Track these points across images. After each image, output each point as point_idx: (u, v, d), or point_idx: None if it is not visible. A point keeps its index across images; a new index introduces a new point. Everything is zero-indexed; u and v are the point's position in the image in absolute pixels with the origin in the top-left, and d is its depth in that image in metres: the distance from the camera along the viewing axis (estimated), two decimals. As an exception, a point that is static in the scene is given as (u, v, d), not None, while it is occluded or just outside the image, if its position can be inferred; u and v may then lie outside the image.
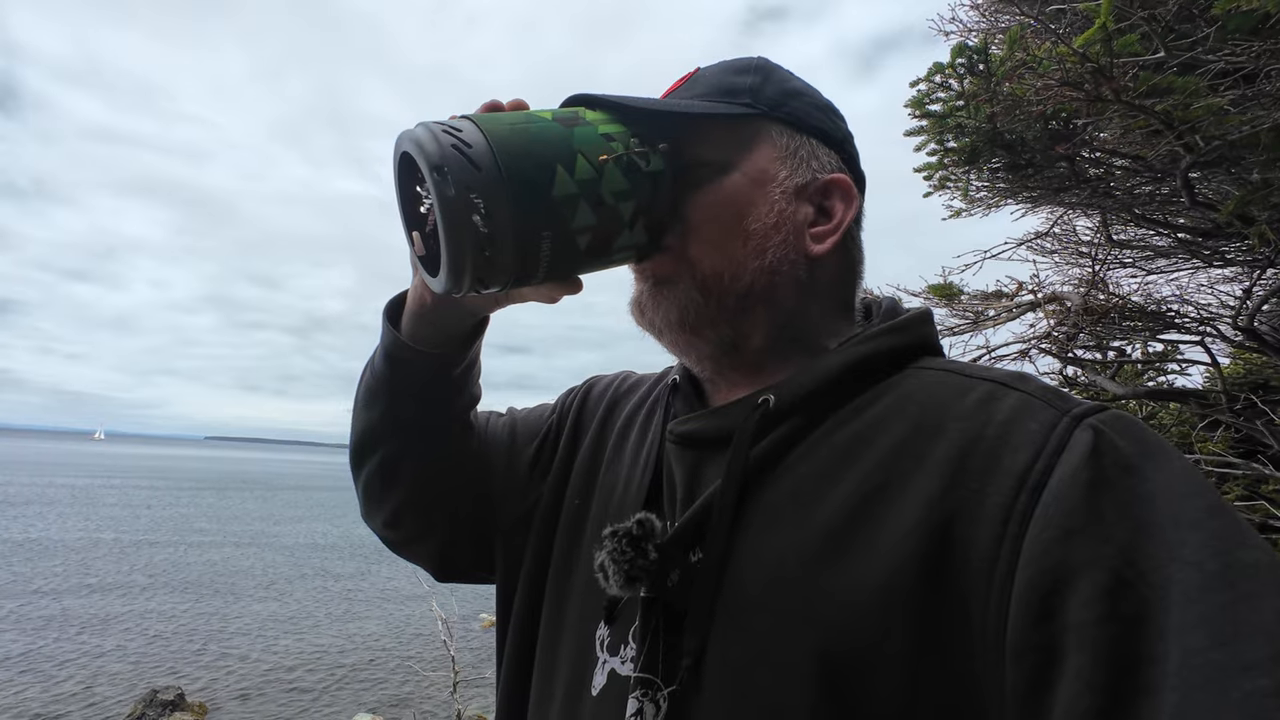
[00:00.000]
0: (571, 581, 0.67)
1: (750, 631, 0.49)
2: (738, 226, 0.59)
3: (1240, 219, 1.66)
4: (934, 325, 0.63)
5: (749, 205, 0.59)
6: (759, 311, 0.60)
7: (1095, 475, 0.41)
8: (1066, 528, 0.40)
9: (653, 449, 0.67)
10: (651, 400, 0.76)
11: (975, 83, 1.42)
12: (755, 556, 0.51)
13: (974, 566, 0.42)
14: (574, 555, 0.69)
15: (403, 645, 10.16)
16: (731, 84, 0.62)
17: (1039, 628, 0.39)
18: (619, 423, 0.76)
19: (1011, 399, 0.48)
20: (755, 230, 0.59)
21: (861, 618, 0.44)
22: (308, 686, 8.26)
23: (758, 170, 0.60)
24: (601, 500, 0.70)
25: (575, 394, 0.84)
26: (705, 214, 0.60)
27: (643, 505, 0.62)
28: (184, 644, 9.55)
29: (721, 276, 0.59)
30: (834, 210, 0.62)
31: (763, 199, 0.59)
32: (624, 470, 0.70)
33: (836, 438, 0.53)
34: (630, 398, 0.79)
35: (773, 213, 0.59)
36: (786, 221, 0.59)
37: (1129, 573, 0.38)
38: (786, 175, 0.60)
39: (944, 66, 1.45)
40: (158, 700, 7.04)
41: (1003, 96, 1.40)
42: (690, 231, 0.60)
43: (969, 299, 2.62)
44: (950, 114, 1.51)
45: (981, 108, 1.42)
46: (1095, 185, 1.75)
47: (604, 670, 0.57)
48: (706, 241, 0.59)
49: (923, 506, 0.45)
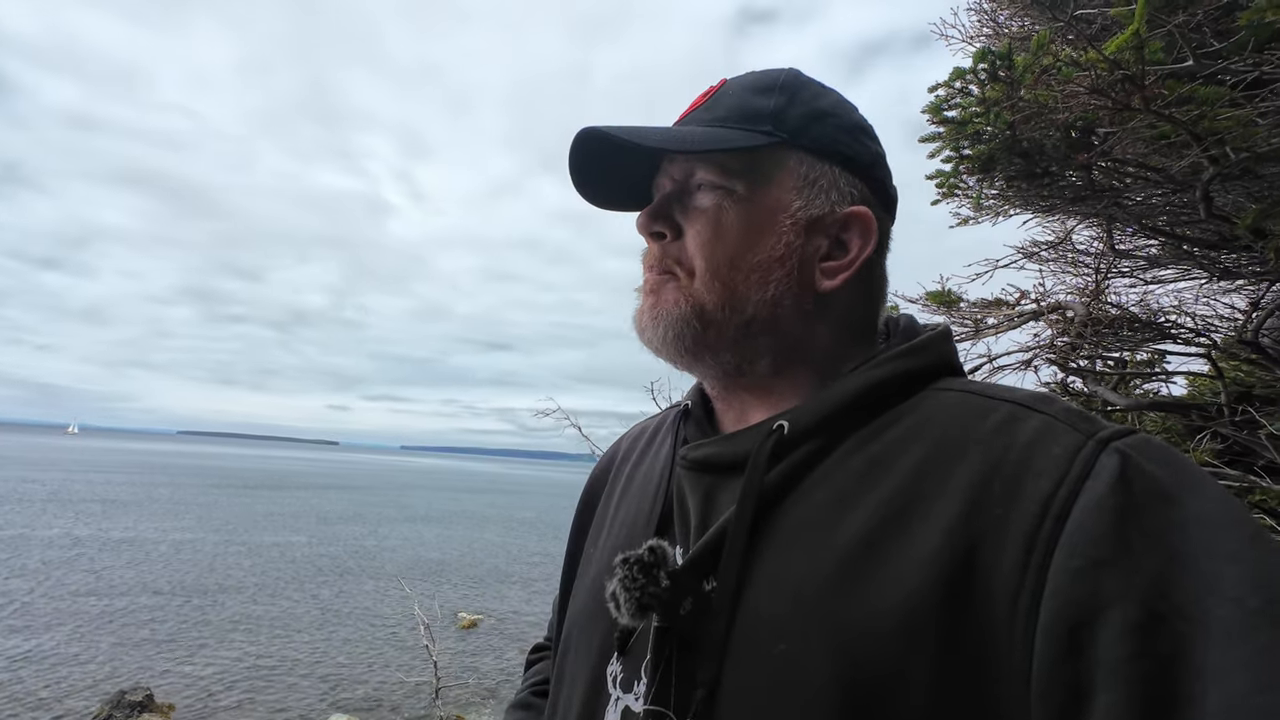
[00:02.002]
0: (584, 618, 0.64)
1: (767, 661, 0.47)
2: (742, 259, 0.57)
3: (1255, 233, 1.64)
4: (953, 344, 0.61)
5: (757, 236, 0.58)
6: (763, 340, 0.59)
7: (1123, 502, 0.39)
8: (1094, 557, 0.38)
9: (664, 477, 0.65)
10: (662, 431, 0.74)
11: (997, 89, 1.38)
12: (771, 584, 0.50)
13: (997, 595, 0.41)
14: (586, 590, 0.66)
15: (381, 646, 10.02)
16: (754, 107, 0.59)
17: (1067, 663, 0.37)
18: (629, 465, 0.75)
19: (1034, 421, 0.47)
20: (759, 263, 0.57)
21: (883, 646, 0.43)
22: (282, 687, 8.10)
23: (771, 200, 0.58)
24: (613, 532, 0.68)
25: (596, 469, 0.84)
26: (711, 243, 0.58)
27: (655, 533, 0.60)
28: (154, 643, 9.33)
29: (721, 308, 0.58)
30: (850, 245, 0.60)
31: (771, 230, 0.58)
32: (634, 501, 0.68)
33: (853, 462, 0.52)
34: (641, 440, 0.78)
35: (779, 245, 0.58)
36: (793, 255, 0.58)
37: (1163, 606, 0.36)
38: (800, 207, 0.58)
39: (965, 72, 1.40)
40: (125, 701, 6.85)
41: (1025, 104, 1.35)
42: (694, 260, 0.58)
43: (969, 307, 2.59)
44: (969, 120, 1.46)
45: (1003, 115, 1.37)
46: (1108, 195, 1.72)
47: (617, 708, 0.55)
48: (709, 272, 0.58)
49: (944, 533, 0.44)
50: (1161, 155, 1.53)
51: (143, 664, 8.55)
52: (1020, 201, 1.79)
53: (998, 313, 2.46)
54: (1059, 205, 1.78)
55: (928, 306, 2.85)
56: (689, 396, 0.71)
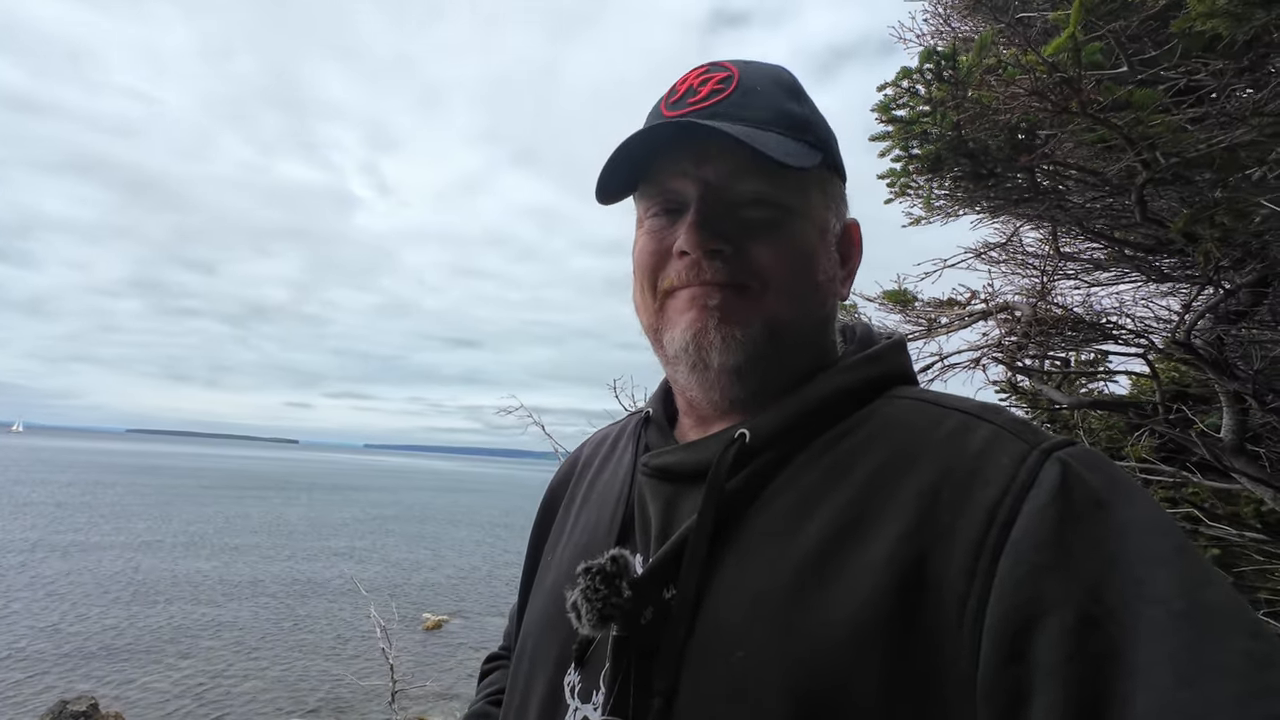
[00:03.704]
0: (543, 627, 0.63)
1: (723, 670, 0.47)
2: (811, 278, 0.58)
3: (1187, 236, 1.70)
4: (908, 354, 0.62)
5: (817, 257, 0.58)
6: (804, 356, 0.59)
7: (1064, 510, 0.41)
8: (1036, 563, 0.40)
9: (625, 484, 0.65)
10: (623, 437, 0.73)
11: (943, 89, 1.39)
12: (729, 593, 0.50)
13: (946, 602, 0.42)
14: (542, 598, 0.65)
15: (334, 651, 9.79)
16: (793, 114, 0.58)
17: (1008, 667, 0.38)
18: (590, 472, 0.74)
19: (983, 431, 0.48)
20: (822, 282, 0.59)
21: (835, 655, 0.43)
22: (237, 695, 7.85)
23: (819, 220, 0.59)
24: (573, 540, 0.67)
25: (555, 477, 0.84)
26: (786, 264, 0.57)
27: (616, 540, 0.59)
28: (98, 650, 8.94)
29: (795, 325, 0.58)
30: (850, 255, 0.62)
31: (824, 251, 0.59)
32: (594, 509, 0.67)
33: (811, 470, 0.52)
34: (602, 447, 0.77)
35: (830, 264, 0.59)
36: (835, 270, 0.61)
37: (1097, 610, 0.37)
38: (835, 223, 0.60)
39: (912, 71, 1.42)
40: (68, 711, 6.56)
41: (970, 104, 1.37)
42: (772, 279, 0.57)
43: (922, 306, 2.64)
44: (916, 120, 1.48)
45: (948, 115, 1.39)
46: (1051, 198, 1.76)
47: (575, 718, 0.55)
48: (785, 292, 0.57)
49: (895, 541, 0.45)
50: (1099, 159, 1.57)
51: (90, 673, 8.20)
52: (968, 202, 1.82)
53: (949, 312, 2.51)
54: (1004, 207, 1.82)
55: (884, 305, 2.90)
56: (650, 403, 0.70)
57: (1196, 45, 1.52)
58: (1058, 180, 1.71)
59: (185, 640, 9.79)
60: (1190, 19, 1.40)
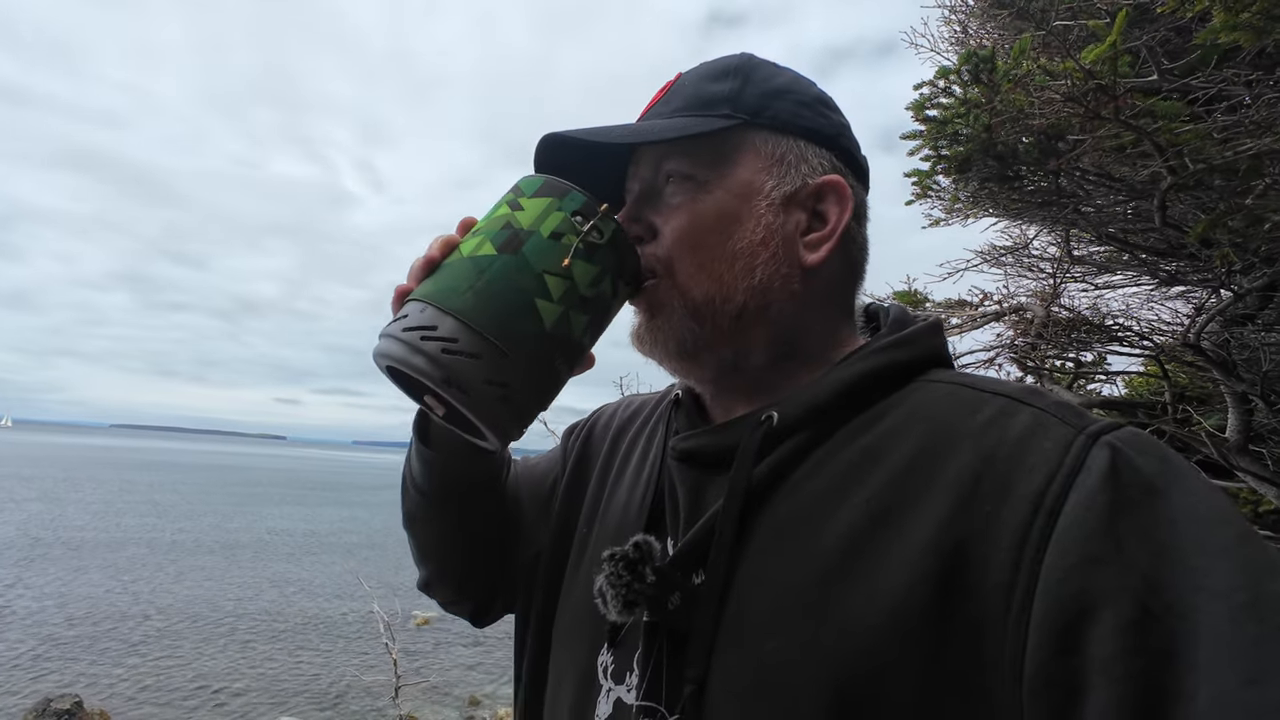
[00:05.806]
0: (577, 609, 0.64)
1: (755, 657, 0.47)
2: (723, 248, 0.56)
3: (1203, 242, 1.75)
4: (944, 336, 0.61)
5: (734, 223, 0.57)
6: (757, 330, 0.58)
7: (1115, 497, 0.39)
8: (1086, 554, 0.38)
9: (654, 467, 0.65)
10: (654, 419, 0.73)
11: (980, 91, 1.44)
12: (759, 579, 0.49)
13: (988, 592, 0.41)
14: (579, 582, 0.66)
15: (332, 646, 9.74)
16: (709, 94, 0.59)
17: (1060, 661, 0.37)
18: (624, 446, 0.74)
19: (1024, 415, 0.46)
20: (742, 250, 0.56)
21: (871, 646, 0.43)
22: (228, 692, 7.79)
23: (741, 184, 0.57)
24: (604, 524, 0.67)
25: (580, 430, 0.82)
26: (689, 238, 0.57)
27: (645, 526, 0.60)
28: (83, 647, 8.84)
29: (712, 301, 0.57)
30: (828, 214, 0.59)
31: (749, 215, 0.57)
32: (625, 491, 0.68)
33: (843, 455, 0.51)
34: (635, 421, 0.77)
35: (759, 228, 0.57)
36: (775, 235, 0.57)
37: (1154, 603, 0.36)
38: (774, 185, 0.57)
39: (950, 71, 1.46)
40: (51, 710, 6.48)
41: (1004, 107, 1.42)
42: (675, 258, 0.57)
43: (934, 307, 2.69)
44: (949, 120, 1.52)
45: (981, 116, 1.43)
46: (1073, 202, 1.81)
47: (609, 699, 0.56)
48: (693, 266, 0.57)
49: (933, 528, 0.44)
50: (1122, 164, 1.62)
51: (70, 667, 8.10)
52: (990, 204, 1.87)
53: (962, 313, 2.56)
54: (1025, 209, 1.86)
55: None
56: (679, 386, 0.70)
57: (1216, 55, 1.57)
58: (1079, 184, 1.76)
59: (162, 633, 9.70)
60: (1214, 30, 1.46)
